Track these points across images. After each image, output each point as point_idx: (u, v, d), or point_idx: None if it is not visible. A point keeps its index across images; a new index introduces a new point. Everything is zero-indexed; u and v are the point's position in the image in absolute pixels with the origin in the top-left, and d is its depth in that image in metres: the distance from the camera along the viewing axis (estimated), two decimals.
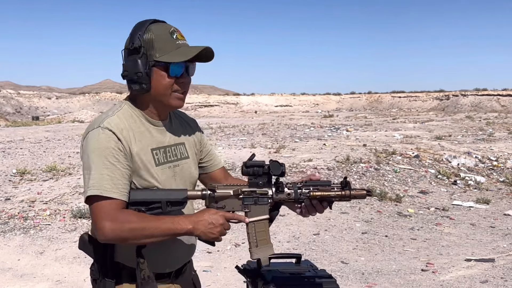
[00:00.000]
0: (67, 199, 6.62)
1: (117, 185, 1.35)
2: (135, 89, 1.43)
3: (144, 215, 1.36)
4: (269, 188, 1.49)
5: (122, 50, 1.46)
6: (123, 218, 1.32)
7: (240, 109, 50.56)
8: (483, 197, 7.54)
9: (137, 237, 1.33)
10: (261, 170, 1.47)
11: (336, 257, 4.80)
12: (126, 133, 1.40)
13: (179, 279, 1.58)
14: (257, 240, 1.48)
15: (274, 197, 1.49)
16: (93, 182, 1.33)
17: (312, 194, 1.51)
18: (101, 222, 1.31)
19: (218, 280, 4.13)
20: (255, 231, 1.48)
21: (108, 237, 1.32)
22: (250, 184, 1.48)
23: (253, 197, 1.48)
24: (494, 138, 14.79)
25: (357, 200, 7.16)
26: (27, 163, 9.08)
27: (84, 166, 1.38)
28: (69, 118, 29.32)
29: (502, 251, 5.05)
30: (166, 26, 1.46)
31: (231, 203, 1.47)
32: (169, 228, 1.35)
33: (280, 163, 1.46)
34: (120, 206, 1.34)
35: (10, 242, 5.09)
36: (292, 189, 1.50)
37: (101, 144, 1.36)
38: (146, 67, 1.41)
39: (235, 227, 5.73)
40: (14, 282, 4.05)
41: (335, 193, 1.52)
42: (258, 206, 1.48)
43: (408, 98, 53.98)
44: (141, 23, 1.45)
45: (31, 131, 15.66)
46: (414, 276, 4.28)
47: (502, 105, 43.52)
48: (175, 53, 1.42)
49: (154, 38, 1.41)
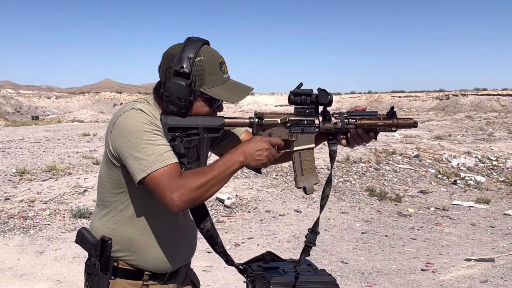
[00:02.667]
0: (67, 199, 6.61)
1: (171, 150, 1.35)
2: (171, 110, 1.41)
3: (199, 170, 1.36)
4: (316, 117, 1.48)
5: (166, 68, 1.42)
6: (183, 182, 1.30)
7: (240, 109, 50.55)
8: (483, 197, 7.54)
9: (204, 192, 1.32)
10: (308, 99, 1.46)
11: (336, 257, 4.80)
12: (155, 120, 1.40)
13: (173, 280, 1.58)
14: (303, 169, 1.48)
15: (321, 126, 1.49)
16: (152, 158, 1.31)
17: (359, 122, 1.50)
18: (167, 195, 1.28)
19: (218, 280, 4.12)
20: (300, 160, 1.48)
21: (180, 205, 1.29)
22: (297, 113, 1.48)
23: (300, 125, 1.47)
24: (494, 138, 14.78)
25: (358, 199, 7.19)
26: (27, 162, 9.07)
27: (128, 148, 1.34)
28: (69, 118, 29.30)
29: (502, 251, 5.05)
30: (216, 56, 1.44)
31: (278, 131, 1.47)
32: (225, 169, 1.34)
33: (328, 92, 1.45)
34: (179, 170, 1.34)
35: (9, 241, 5.08)
36: (338, 118, 1.50)
37: (142, 120, 1.35)
38: (191, 95, 1.39)
39: (235, 227, 5.73)
40: (13, 282, 4.05)
41: (382, 122, 1.51)
42: (305, 135, 1.48)
43: (408, 98, 53.98)
44: (191, 43, 1.41)
45: (30, 130, 15.64)
46: (414, 276, 4.28)
47: (502, 105, 43.53)
48: (222, 88, 1.43)
49: (204, 68, 1.40)
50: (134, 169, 1.33)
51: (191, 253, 1.63)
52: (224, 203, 6.58)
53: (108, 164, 1.45)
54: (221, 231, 5.59)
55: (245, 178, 7.81)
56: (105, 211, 1.50)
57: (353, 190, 7.65)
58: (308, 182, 1.49)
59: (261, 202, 6.77)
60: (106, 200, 1.50)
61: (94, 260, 1.47)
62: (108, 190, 1.48)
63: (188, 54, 1.39)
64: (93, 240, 1.48)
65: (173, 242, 1.52)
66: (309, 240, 1.53)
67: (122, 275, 1.48)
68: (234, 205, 6.59)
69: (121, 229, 1.47)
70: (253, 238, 5.38)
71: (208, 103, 1.44)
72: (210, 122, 1.44)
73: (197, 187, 1.29)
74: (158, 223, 1.48)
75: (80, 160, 9.51)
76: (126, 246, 1.47)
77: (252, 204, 6.68)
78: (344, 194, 7.40)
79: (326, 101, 1.45)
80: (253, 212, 6.39)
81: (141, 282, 1.49)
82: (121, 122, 1.36)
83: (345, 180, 8.09)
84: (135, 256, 1.48)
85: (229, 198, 6.73)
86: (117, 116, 1.39)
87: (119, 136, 1.36)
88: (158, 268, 1.51)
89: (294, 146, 1.48)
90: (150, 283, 1.51)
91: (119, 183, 1.45)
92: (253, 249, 4.98)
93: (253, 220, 6.04)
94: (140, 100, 1.45)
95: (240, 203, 6.69)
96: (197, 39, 1.43)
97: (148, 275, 1.50)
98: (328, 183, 1.53)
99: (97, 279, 1.46)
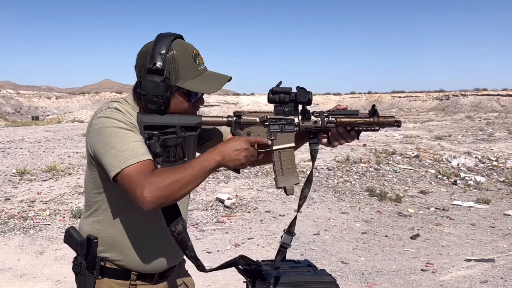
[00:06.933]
0: (67, 199, 6.61)
1: (146, 147, 1.34)
2: (151, 108, 1.40)
3: (172, 168, 1.32)
4: (296, 115, 1.46)
5: (139, 67, 1.40)
6: (154, 179, 1.27)
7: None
8: (483, 197, 7.54)
9: (176, 190, 1.28)
10: (287, 97, 1.44)
11: (336, 257, 4.80)
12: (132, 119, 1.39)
13: (163, 282, 1.56)
14: (283, 168, 1.46)
15: (301, 125, 1.47)
16: (126, 154, 1.29)
17: (339, 120, 1.47)
18: (137, 191, 1.26)
19: (218, 280, 4.12)
20: (280, 160, 1.46)
21: (150, 202, 1.26)
22: (276, 111, 1.45)
23: (279, 124, 1.45)
24: (494, 138, 14.79)
25: (358, 200, 7.19)
26: (27, 163, 9.07)
27: (102, 146, 1.33)
28: (69, 118, 29.31)
29: (502, 251, 5.05)
30: (189, 48, 1.42)
31: (257, 130, 1.45)
32: (200, 168, 1.32)
33: (307, 91, 1.43)
34: (152, 167, 1.32)
35: (10, 242, 5.08)
36: (318, 117, 1.47)
37: (118, 118, 1.35)
38: (168, 91, 1.37)
39: (235, 228, 5.73)
40: (13, 282, 4.05)
41: (362, 120, 1.48)
42: (284, 134, 1.46)
43: (408, 98, 54.02)
44: (162, 39, 1.39)
45: (30, 131, 15.64)
46: (414, 276, 4.28)
47: (502, 105, 43.55)
48: (198, 81, 1.41)
49: (178, 62, 1.38)
50: (108, 166, 1.31)
51: (179, 255, 1.59)
52: (224, 203, 6.58)
53: (89, 165, 1.46)
54: (221, 231, 5.59)
55: (245, 179, 7.81)
56: (90, 211, 1.51)
57: (353, 190, 7.65)
58: (289, 182, 1.46)
59: (261, 202, 6.77)
60: (90, 200, 1.50)
61: (80, 259, 1.47)
62: (90, 190, 1.49)
63: (160, 50, 1.37)
64: (79, 239, 1.48)
65: (158, 243, 1.50)
66: (284, 241, 1.51)
67: (109, 275, 1.47)
68: (234, 205, 6.59)
69: (105, 229, 1.47)
70: (253, 238, 5.38)
71: (186, 97, 1.42)
72: (187, 121, 1.42)
73: (168, 184, 1.27)
74: (140, 223, 1.47)
75: (80, 161, 9.51)
76: (111, 246, 1.47)
77: (252, 204, 6.68)
78: (344, 194, 7.40)
79: (305, 99, 1.43)
80: (253, 212, 6.39)
81: (129, 282, 1.49)
82: (97, 122, 1.36)
83: (345, 180, 8.09)
84: (121, 256, 1.47)
85: (229, 198, 6.74)
86: (94, 116, 1.40)
87: (95, 134, 1.36)
88: (145, 268, 1.50)
89: (273, 145, 1.45)
90: (138, 283, 1.50)
91: (98, 182, 1.44)
92: (253, 249, 4.98)
93: (253, 221, 6.04)
94: (118, 100, 1.45)
95: (240, 203, 6.69)
96: (168, 34, 1.41)
97: (135, 275, 1.49)
98: (308, 184, 1.51)
99: (83, 278, 1.46)
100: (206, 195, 6.99)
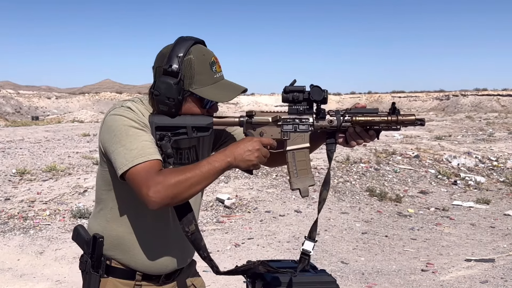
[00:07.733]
0: (67, 199, 6.61)
1: (155, 147, 1.33)
2: (162, 110, 1.38)
3: (180, 168, 1.31)
4: (310, 115, 1.41)
5: (156, 67, 1.40)
6: (161, 178, 1.26)
7: (240, 109, 50.53)
8: (483, 197, 7.54)
9: (183, 190, 1.26)
10: (301, 96, 1.40)
11: (336, 257, 4.80)
12: (144, 119, 1.39)
13: (169, 283, 1.55)
14: (297, 169, 1.41)
15: (315, 125, 1.41)
16: (134, 153, 1.28)
17: (355, 119, 1.41)
18: (143, 190, 1.25)
19: (218, 280, 4.12)
20: (294, 160, 1.41)
21: (156, 201, 1.25)
22: (290, 111, 1.41)
23: (292, 124, 1.41)
24: (494, 138, 14.78)
25: (358, 200, 7.19)
26: (27, 163, 9.07)
27: (112, 143, 1.33)
28: (69, 118, 29.31)
29: (502, 251, 5.05)
30: (207, 55, 1.40)
31: (270, 130, 1.41)
32: (209, 169, 1.29)
33: (322, 89, 1.38)
34: (160, 167, 1.31)
35: (9, 242, 5.08)
36: (334, 116, 1.42)
37: (130, 117, 1.34)
38: (180, 94, 1.36)
39: (235, 228, 5.73)
40: (13, 282, 4.05)
41: (380, 118, 1.41)
42: (298, 134, 1.41)
43: (408, 98, 54.06)
44: (181, 42, 1.38)
45: (30, 131, 15.65)
46: (414, 276, 4.28)
47: (502, 105, 43.55)
48: (212, 88, 1.38)
49: (194, 67, 1.36)
50: (116, 164, 1.31)
51: (186, 257, 1.58)
52: (224, 203, 6.58)
53: (100, 162, 1.47)
54: (221, 232, 5.59)
55: (245, 179, 7.81)
56: (98, 208, 1.51)
57: (353, 190, 7.65)
58: (303, 184, 1.41)
59: (261, 203, 6.77)
60: (99, 197, 1.51)
61: (86, 257, 1.48)
62: (100, 187, 1.49)
63: (178, 53, 1.36)
64: (86, 237, 1.49)
65: (164, 244, 1.49)
66: (305, 247, 1.45)
67: (114, 274, 1.47)
68: (234, 205, 6.59)
69: (111, 227, 1.47)
70: (253, 238, 5.38)
71: (199, 103, 1.40)
72: (198, 121, 1.40)
73: (174, 184, 1.25)
74: (147, 223, 1.46)
75: (80, 161, 9.51)
76: (116, 244, 1.47)
77: (252, 205, 6.68)
78: (344, 195, 7.40)
79: (319, 98, 1.38)
80: (253, 212, 6.39)
81: (134, 282, 1.48)
82: (109, 119, 1.36)
83: (345, 180, 8.09)
84: (125, 255, 1.47)
85: (229, 198, 6.74)
86: (107, 114, 1.40)
87: (106, 132, 1.36)
88: (149, 269, 1.49)
89: (287, 145, 1.41)
90: (144, 283, 1.49)
91: (108, 179, 1.44)
92: (253, 250, 4.98)
93: (253, 221, 6.04)
94: (133, 99, 1.45)
95: (240, 204, 6.69)
96: (188, 38, 1.40)
97: (140, 275, 1.48)
98: (325, 185, 1.45)
99: (89, 276, 1.46)
100: (206, 195, 6.99)
